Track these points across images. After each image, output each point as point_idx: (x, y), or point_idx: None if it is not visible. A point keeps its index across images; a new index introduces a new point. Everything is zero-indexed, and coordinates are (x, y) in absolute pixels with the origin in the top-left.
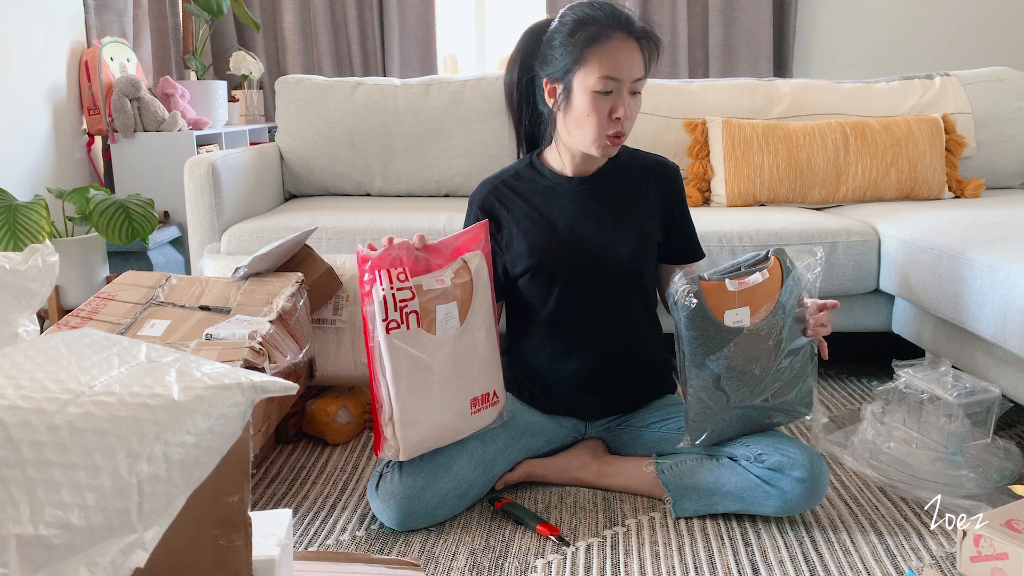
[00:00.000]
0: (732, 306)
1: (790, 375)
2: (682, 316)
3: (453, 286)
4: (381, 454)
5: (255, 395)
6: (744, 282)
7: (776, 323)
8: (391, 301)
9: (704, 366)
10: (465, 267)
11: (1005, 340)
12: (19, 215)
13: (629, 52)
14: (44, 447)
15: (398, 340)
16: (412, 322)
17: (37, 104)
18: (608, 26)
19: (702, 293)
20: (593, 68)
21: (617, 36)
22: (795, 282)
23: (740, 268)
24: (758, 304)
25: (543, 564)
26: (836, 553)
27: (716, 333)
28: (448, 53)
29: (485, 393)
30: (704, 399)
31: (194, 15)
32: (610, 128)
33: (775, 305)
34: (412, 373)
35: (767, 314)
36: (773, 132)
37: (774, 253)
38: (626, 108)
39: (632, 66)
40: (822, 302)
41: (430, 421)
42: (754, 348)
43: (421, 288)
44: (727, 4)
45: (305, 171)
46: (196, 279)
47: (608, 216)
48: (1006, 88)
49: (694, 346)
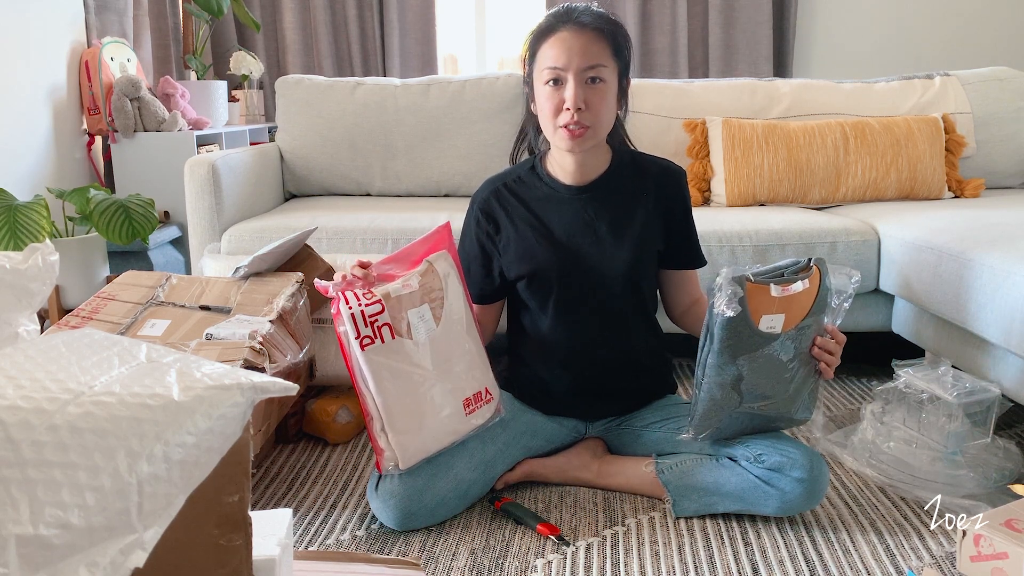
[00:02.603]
0: (770, 311)
1: (798, 385)
2: (719, 320)
3: (421, 289)
4: (382, 468)
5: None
6: (787, 289)
7: (804, 336)
8: (360, 318)
9: (727, 366)
10: (431, 268)
11: (1005, 340)
12: (19, 215)
13: (578, 41)
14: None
15: (375, 355)
16: (386, 334)
17: (37, 104)
18: (557, 20)
19: (746, 299)
20: (541, 61)
21: (563, 28)
22: (826, 293)
23: (783, 273)
24: (793, 313)
25: (543, 564)
26: (836, 553)
27: (748, 336)
28: (448, 53)
29: (477, 392)
30: (717, 397)
31: (194, 15)
32: (563, 118)
33: (806, 317)
34: (396, 384)
35: (795, 324)
36: (773, 132)
37: (816, 262)
38: (576, 97)
39: (580, 54)
40: (834, 329)
41: (424, 427)
42: (780, 357)
43: (389, 296)
44: (727, 4)
45: (305, 171)
46: (196, 279)
47: (604, 226)
48: (1006, 88)
49: (723, 346)
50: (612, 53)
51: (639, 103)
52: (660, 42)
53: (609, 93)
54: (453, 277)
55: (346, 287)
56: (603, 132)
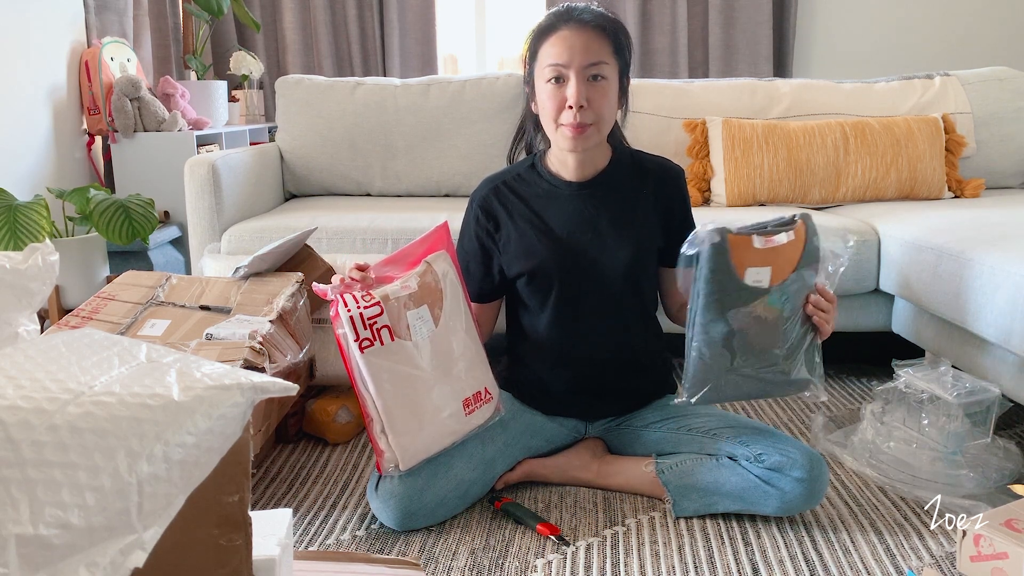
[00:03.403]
0: (755, 264)
1: (793, 344)
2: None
3: (420, 290)
4: (383, 470)
5: (255, 395)
6: (770, 241)
7: (795, 291)
8: (359, 320)
9: (716, 322)
10: (430, 269)
11: (1005, 340)
12: (19, 215)
13: (579, 39)
14: (44, 447)
15: (374, 357)
16: (385, 337)
17: (37, 104)
18: (558, 19)
19: (727, 244)
20: (542, 59)
21: (564, 27)
22: (814, 249)
23: (767, 227)
24: (780, 266)
25: (543, 564)
26: (836, 553)
27: (734, 289)
28: (448, 53)
29: (476, 392)
30: (706, 356)
31: (194, 15)
32: (565, 116)
33: (795, 271)
34: (395, 385)
35: (783, 278)
36: (773, 132)
37: (801, 217)
38: (578, 94)
39: (582, 52)
40: (823, 287)
41: (424, 428)
42: (770, 313)
43: (388, 298)
44: (727, 4)
45: (305, 171)
46: (196, 279)
47: (605, 223)
48: (1006, 88)
49: (709, 300)
50: (613, 51)
51: (639, 103)
52: (660, 42)
53: (611, 90)
54: (452, 277)
55: (344, 290)
56: (605, 130)
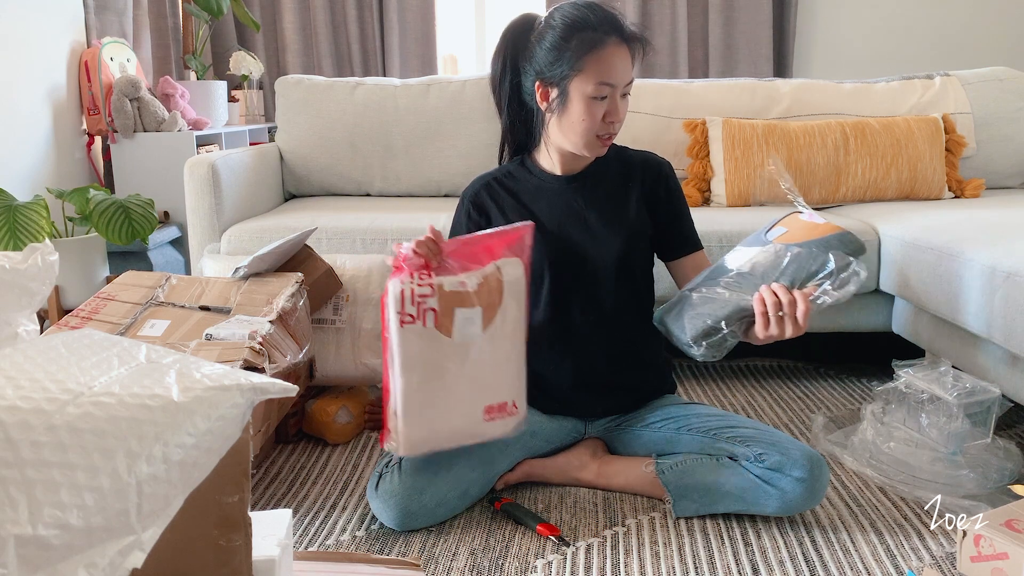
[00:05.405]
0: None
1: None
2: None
3: (478, 291)
4: (385, 445)
5: (255, 396)
6: (812, 214)
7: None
8: (408, 296)
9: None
10: (497, 274)
11: (1005, 340)
12: (19, 215)
13: (622, 58)
14: (43, 447)
15: (411, 335)
16: (429, 320)
17: (37, 104)
18: (604, 32)
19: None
20: (591, 75)
21: (611, 42)
22: (837, 244)
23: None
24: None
25: (543, 564)
26: (836, 553)
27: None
28: (448, 53)
29: (503, 402)
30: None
31: (194, 15)
32: (603, 130)
33: (820, 240)
34: (422, 370)
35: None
36: (773, 132)
37: (852, 251)
38: (622, 111)
39: (625, 71)
40: (804, 295)
41: (435, 421)
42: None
43: (442, 288)
44: (727, 4)
45: (305, 171)
46: (196, 279)
47: (594, 215)
48: (1006, 88)
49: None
50: (634, 65)
51: (639, 103)
52: (660, 42)
53: None
54: (518, 287)
55: (416, 247)
56: None
